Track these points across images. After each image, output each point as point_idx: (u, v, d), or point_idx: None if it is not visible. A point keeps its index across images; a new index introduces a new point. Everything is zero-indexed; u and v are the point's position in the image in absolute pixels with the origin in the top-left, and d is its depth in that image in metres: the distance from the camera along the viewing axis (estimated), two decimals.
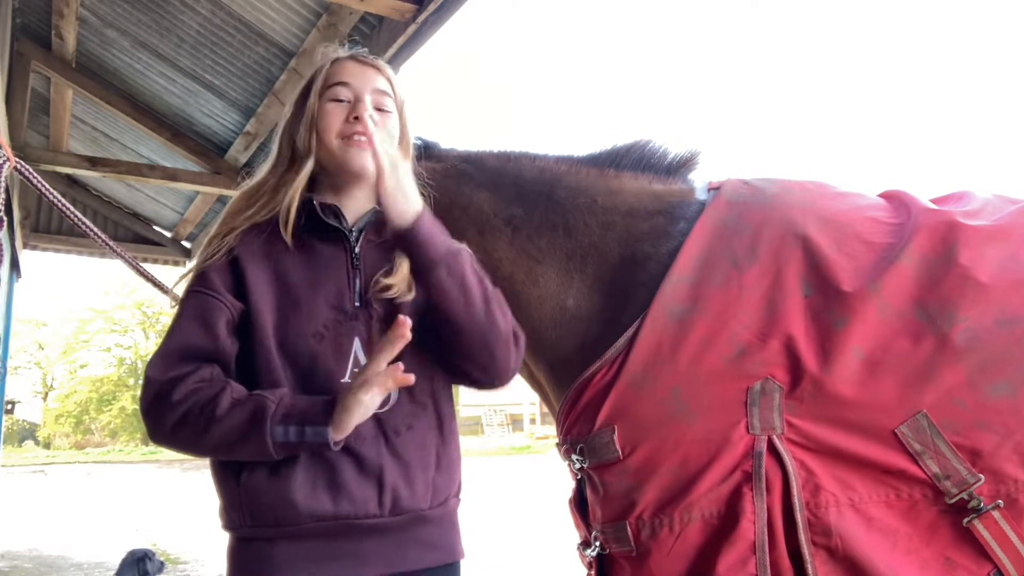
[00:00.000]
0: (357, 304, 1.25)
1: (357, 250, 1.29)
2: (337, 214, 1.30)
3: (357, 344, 1.23)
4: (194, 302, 1.21)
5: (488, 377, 1.29)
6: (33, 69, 5.39)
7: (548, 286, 1.55)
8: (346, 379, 1.20)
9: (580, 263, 1.55)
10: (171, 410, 1.13)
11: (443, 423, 1.29)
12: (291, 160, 1.32)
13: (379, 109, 1.32)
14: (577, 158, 1.67)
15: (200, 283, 1.22)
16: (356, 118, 1.28)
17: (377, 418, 1.20)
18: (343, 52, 1.37)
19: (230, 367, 1.21)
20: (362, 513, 1.15)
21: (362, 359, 1.22)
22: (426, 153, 1.74)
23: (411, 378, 1.13)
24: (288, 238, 1.26)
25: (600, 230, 1.55)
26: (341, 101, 1.30)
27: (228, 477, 1.19)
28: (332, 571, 1.14)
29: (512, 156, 1.69)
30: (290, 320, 1.21)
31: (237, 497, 1.17)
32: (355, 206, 1.33)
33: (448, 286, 1.20)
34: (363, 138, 1.25)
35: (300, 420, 1.11)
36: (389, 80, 1.36)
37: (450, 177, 1.66)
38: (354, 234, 1.31)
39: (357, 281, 1.27)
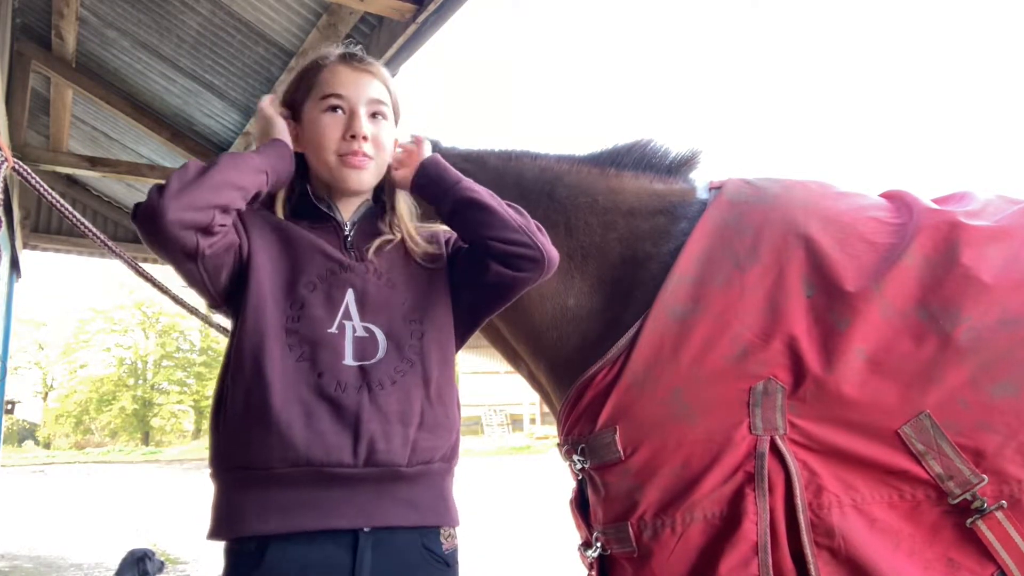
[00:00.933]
0: (352, 258, 1.28)
1: (350, 238, 1.31)
2: (331, 207, 1.32)
3: (350, 295, 1.25)
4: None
5: (533, 251, 1.27)
6: (33, 69, 5.39)
7: (548, 285, 1.55)
8: (333, 329, 1.22)
9: (581, 262, 1.55)
10: (171, 192, 1.12)
11: (430, 382, 1.25)
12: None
13: (373, 116, 1.32)
14: (578, 157, 1.67)
15: None
16: (352, 136, 1.28)
17: (362, 369, 1.21)
18: (335, 55, 1.34)
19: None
20: (335, 461, 1.14)
21: (354, 311, 1.24)
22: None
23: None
24: (281, 214, 1.30)
25: (601, 229, 1.55)
26: (336, 112, 1.30)
27: (213, 430, 1.21)
28: (302, 520, 1.13)
29: (513, 155, 1.69)
30: (282, 269, 1.24)
31: (215, 444, 1.19)
32: (351, 203, 1.35)
33: (474, 188, 1.31)
34: (358, 158, 1.28)
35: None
36: (385, 83, 1.35)
37: None
38: (347, 227, 1.32)
39: (350, 235, 1.31)
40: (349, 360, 1.21)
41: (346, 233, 1.31)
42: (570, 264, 1.55)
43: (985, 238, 1.33)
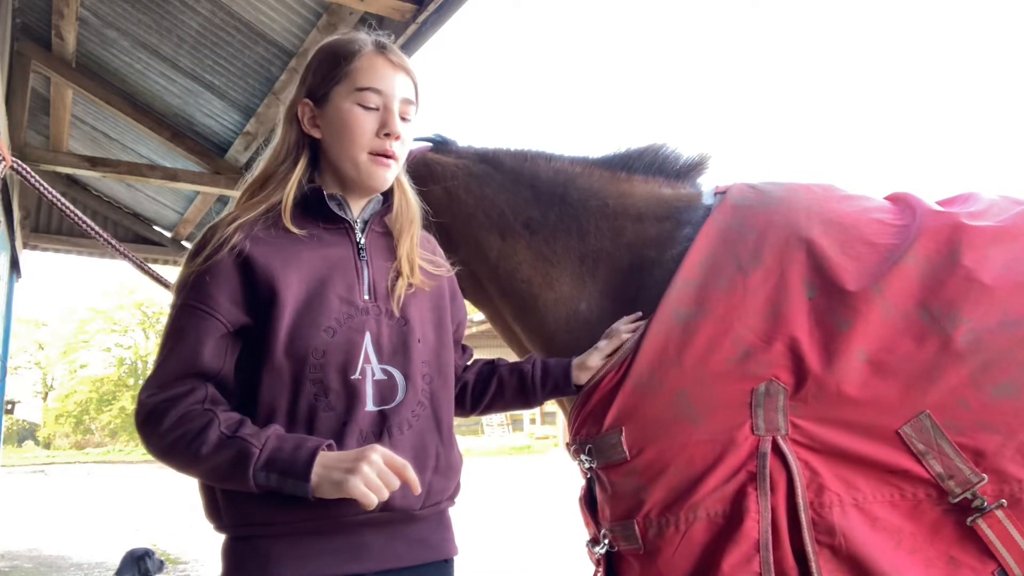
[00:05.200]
0: (367, 297, 1.23)
1: (363, 242, 1.27)
2: (342, 205, 1.27)
3: (368, 339, 1.21)
4: (189, 319, 1.16)
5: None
6: (33, 69, 5.39)
7: (563, 289, 1.57)
8: (356, 375, 1.18)
9: (592, 267, 1.57)
10: (159, 438, 1.12)
11: (442, 424, 1.26)
12: (299, 147, 1.28)
13: (403, 118, 1.27)
14: (591, 159, 1.68)
15: (196, 295, 1.16)
16: (387, 134, 1.24)
17: (382, 414, 1.19)
18: (370, 43, 1.27)
19: (227, 383, 1.18)
20: (350, 511, 1.12)
21: (372, 354, 1.20)
22: (444, 149, 1.76)
23: (416, 486, 1.10)
24: (288, 224, 1.22)
25: (611, 234, 1.57)
26: (370, 108, 1.24)
27: None
28: (323, 567, 1.14)
29: (528, 156, 1.70)
30: (302, 315, 1.17)
31: (228, 497, 1.15)
32: (359, 197, 1.31)
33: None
34: (388, 158, 1.25)
35: (282, 470, 1.07)
36: (416, 83, 1.30)
37: (473, 177, 1.67)
38: (359, 225, 1.29)
39: (366, 273, 1.25)
40: (370, 406, 1.19)
41: (359, 239, 1.27)
42: (582, 268, 1.57)
43: (987, 239, 1.34)
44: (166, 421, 1.11)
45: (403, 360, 1.23)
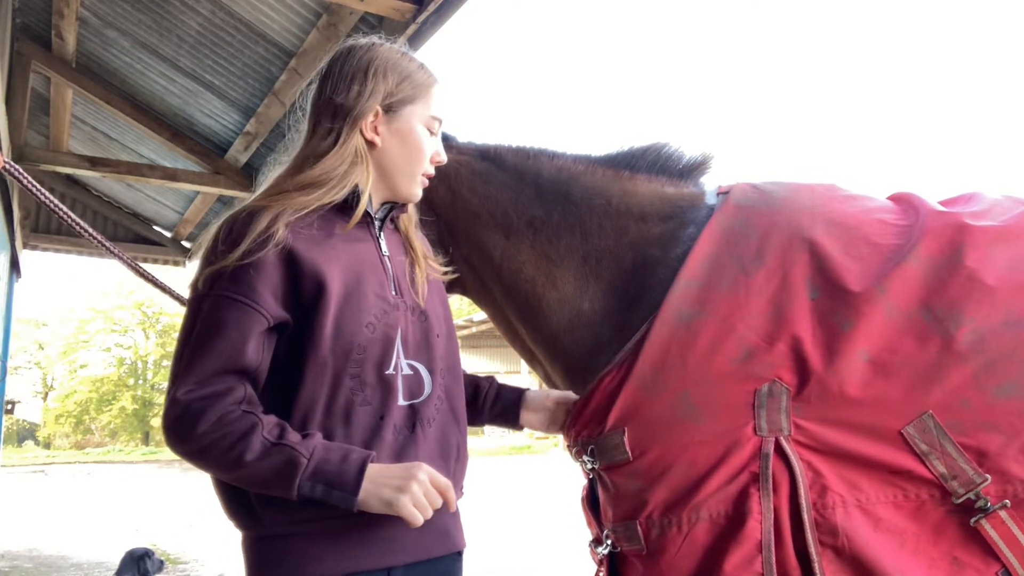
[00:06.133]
0: (394, 293, 1.27)
1: (382, 238, 1.32)
2: (372, 208, 1.32)
3: (399, 334, 1.24)
4: (230, 312, 1.12)
5: None
6: (33, 69, 5.39)
7: (566, 289, 1.56)
8: (390, 371, 1.21)
9: (595, 266, 1.56)
10: (195, 440, 1.09)
11: (459, 415, 1.32)
12: (361, 153, 1.28)
13: None
14: (593, 158, 1.67)
15: (237, 288, 1.13)
16: (438, 162, 1.36)
17: (412, 408, 1.23)
18: (436, 77, 1.36)
19: (259, 381, 1.17)
20: None
21: (400, 349, 1.24)
22: (445, 145, 1.75)
23: (453, 504, 1.18)
24: (350, 226, 1.25)
25: (615, 233, 1.57)
26: (432, 134, 1.34)
27: None
28: (360, 562, 1.15)
29: (531, 153, 1.69)
30: (344, 310, 1.18)
31: (263, 497, 1.14)
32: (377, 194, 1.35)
33: None
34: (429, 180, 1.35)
35: (329, 482, 1.08)
36: None
37: (476, 175, 1.66)
38: (377, 223, 1.32)
39: (389, 269, 1.29)
40: (402, 400, 1.22)
41: (379, 236, 1.31)
42: (585, 268, 1.57)
43: (990, 240, 1.34)
44: (203, 422, 1.08)
45: (427, 355, 1.28)
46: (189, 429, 1.09)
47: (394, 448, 1.19)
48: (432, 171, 1.35)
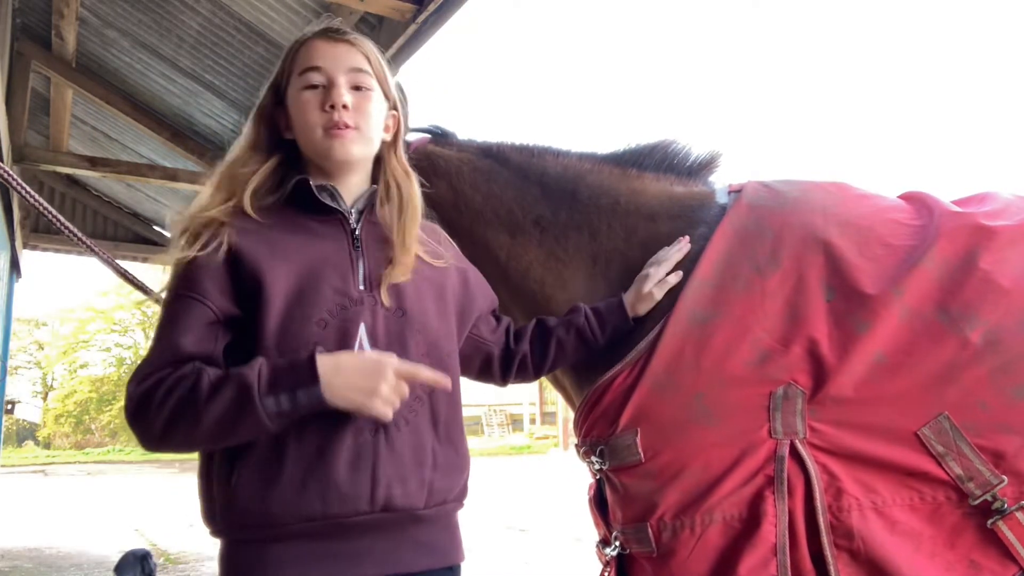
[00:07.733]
0: (362, 288, 1.20)
1: (358, 232, 1.25)
2: (333, 195, 1.25)
3: (363, 330, 1.18)
4: (177, 307, 1.14)
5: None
6: (33, 69, 5.39)
7: (575, 289, 1.54)
8: None
9: (605, 267, 1.54)
10: (156, 413, 1.07)
11: (439, 421, 1.22)
12: (269, 143, 1.29)
13: (356, 88, 1.25)
14: (600, 156, 1.65)
15: (185, 285, 1.14)
16: (331, 106, 1.22)
17: None
18: (312, 31, 1.29)
19: (216, 365, 1.14)
20: (351, 511, 1.10)
21: (367, 346, 1.17)
22: (444, 142, 1.71)
23: (446, 382, 1.18)
24: (251, 211, 1.21)
25: (623, 233, 1.55)
26: (315, 87, 1.24)
27: (213, 483, 1.14)
28: (323, 571, 1.11)
29: (535, 151, 1.66)
30: (292, 307, 1.15)
31: (225, 502, 1.12)
32: (351, 187, 1.29)
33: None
34: (340, 128, 1.22)
35: (289, 385, 1.06)
36: (366, 54, 1.29)
37: (479, 172, 1.64)
38: (353, 215, 1.26)
39: (361, 264, 1.22)
40: None
41: (353, 227, 1.24)
42: (594, 268, 1.55)
43: (1005, 241, 1.33)
44: (155, 399, 1.07)
45: (400, 352, 1.17)
46: (146, 412, 1.08)
47: (353, 452, 1.12)
48: (337, 117, 1.22)
